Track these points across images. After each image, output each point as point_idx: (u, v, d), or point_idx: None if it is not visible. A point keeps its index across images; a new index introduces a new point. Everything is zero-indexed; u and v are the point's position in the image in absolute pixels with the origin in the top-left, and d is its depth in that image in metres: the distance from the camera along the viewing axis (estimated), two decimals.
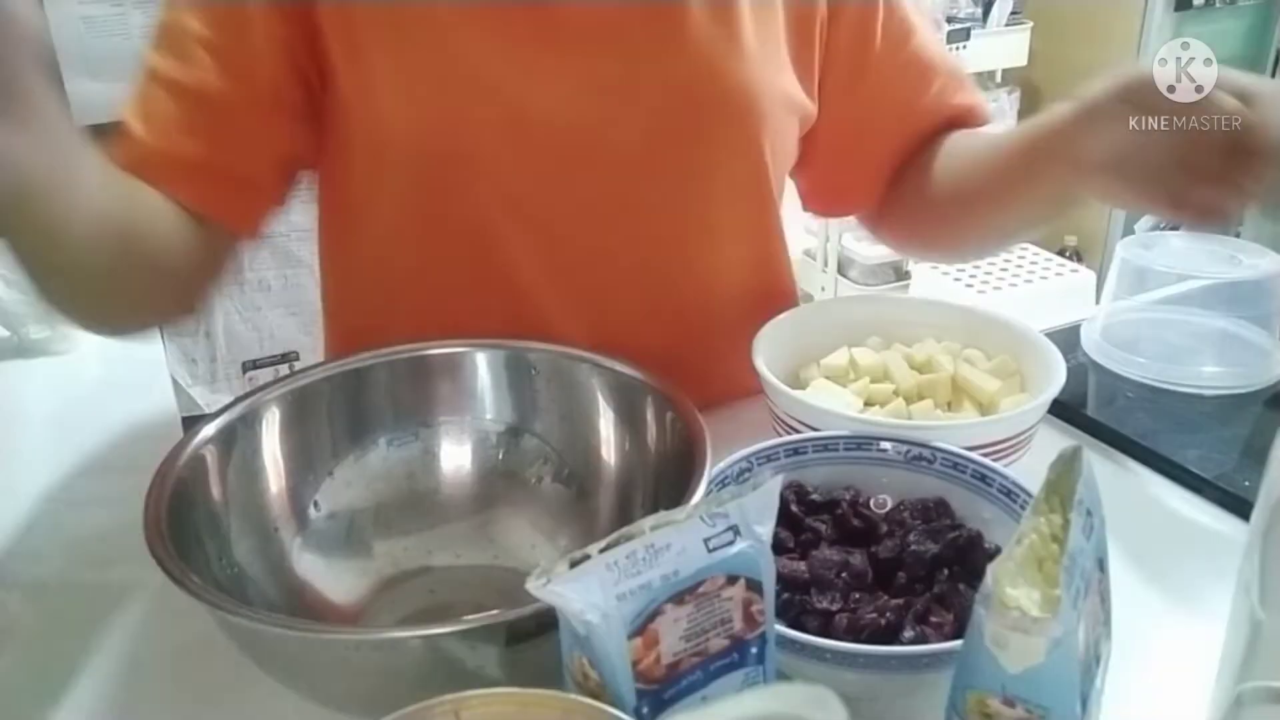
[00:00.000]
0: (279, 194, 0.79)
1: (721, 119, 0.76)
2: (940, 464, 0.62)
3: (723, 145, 0.77)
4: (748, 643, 0.45)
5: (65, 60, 1.79)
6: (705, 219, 0.80)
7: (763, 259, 0.86)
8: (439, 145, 0.74)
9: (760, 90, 0.76)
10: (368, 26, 0.73)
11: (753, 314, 0.83)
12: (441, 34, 0.73)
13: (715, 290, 0.84)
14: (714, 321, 0.83)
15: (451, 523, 0.68)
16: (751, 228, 0.84)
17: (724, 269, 0.83)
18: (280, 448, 0.65)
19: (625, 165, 0.76)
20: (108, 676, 0.61)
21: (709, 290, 0.83)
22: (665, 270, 0.81)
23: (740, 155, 0.78)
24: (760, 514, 0.44)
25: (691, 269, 0.82)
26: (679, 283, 0.82)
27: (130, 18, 1.81)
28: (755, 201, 0.82)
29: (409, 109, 0.73)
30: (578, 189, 0.76)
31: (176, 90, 0.72)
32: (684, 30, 0.74)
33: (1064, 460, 0.44)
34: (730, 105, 0.76)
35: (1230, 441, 0.80)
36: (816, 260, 2.72)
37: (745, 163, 0.79)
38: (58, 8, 1.76)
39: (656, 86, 0.75)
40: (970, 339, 0.78)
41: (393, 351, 0.70)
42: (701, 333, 0.83)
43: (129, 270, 0.66)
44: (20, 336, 1.04)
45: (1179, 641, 0.60)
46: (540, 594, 0.41)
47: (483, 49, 0.73)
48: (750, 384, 0.81)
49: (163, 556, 0.51)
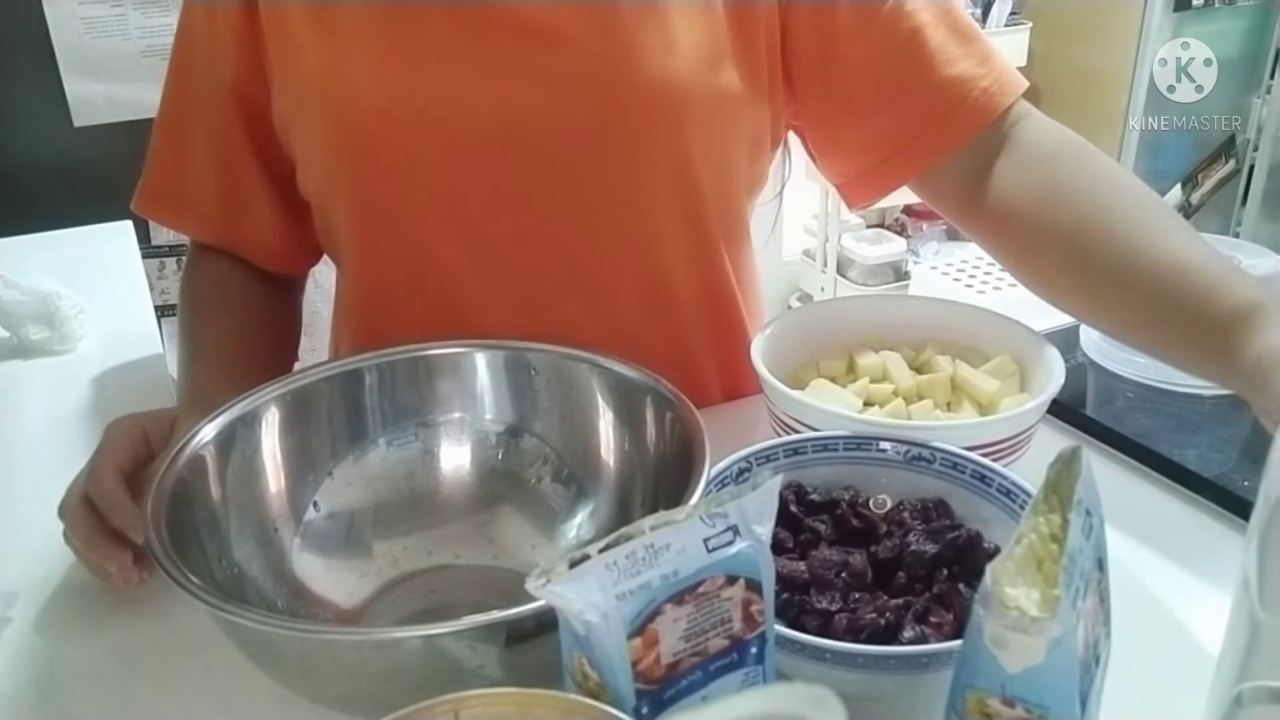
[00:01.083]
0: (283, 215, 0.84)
1: (641, 112, 0.75)
2: (940, 464, 0.62)
3: (645, 140, 0.76)
4: (747, 643, 0.45)
5: (65, 60, 1.79)
6: (633, 215, 0.79)
7: (701, 258, 0.83)
8: (360, 140, 0.75)
9: (684, 86, 0.75)
10: (297, 23, 0.76)
11: (696, 315, 0.83)
12: (360, 29, 0.75)
13: (652, 290, 0.82)
14: (653, 322, 0.82)
15: (451, 523, 0.68)
16: (684, 225, 0.81)
17: (659, 267, 0.82)
18: (280, 448, 0.65)
19: (547, 159, 0.76)
20: (107, 676, 0.61)
21: (644, 289, 0.82)
22: (597, 267, 0.80)
23: (664, 151, 0.77)
24: (760, 514, 0.44)
25: (621, 266, 0.81)
26: (611, 280, 0.81)
27: (130, 18, 1.82)
28: (685, 198, 0.79)
29: (332, 104, 0.75)
30: (503, 184, 0.76)
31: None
32: (607, 23, 0.74)
33: (1063, 460, 0.44)
34: (650, 99, 0.75)
35: (1229, 441, 0.80)
36: (816, 260, 2.73)
37: (670, 160, 0.77)
38: (58, 8, 1.76)
39: (576, 79, 0.74)
40: (970, 339, 0.78)
41: (392, 351, 0.70)
42: (640, 332, 0.81)
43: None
44: (20, 336, 1.04)
45: (1179, 641, 0.60)
46: (540, 594, 0.41)
47: (407, 38, 0.74)
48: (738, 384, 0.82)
49: (162, 556, 0.51)
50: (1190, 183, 2.54)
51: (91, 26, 1.80)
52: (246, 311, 0.86)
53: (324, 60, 0.75)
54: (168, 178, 0.86)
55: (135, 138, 2.03)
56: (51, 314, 1.04)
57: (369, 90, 0.75)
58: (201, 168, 0.83)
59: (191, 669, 0.60)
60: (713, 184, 0.80)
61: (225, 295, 0.86)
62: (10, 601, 0.65)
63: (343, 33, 0.75)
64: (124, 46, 1.82)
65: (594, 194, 0.78)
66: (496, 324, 0.77)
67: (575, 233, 0.79)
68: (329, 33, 0.75)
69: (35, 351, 1.04)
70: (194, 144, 0.83)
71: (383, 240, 0.80)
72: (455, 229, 0.78)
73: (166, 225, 0.93)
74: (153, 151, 0.86)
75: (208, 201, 0.84)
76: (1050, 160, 0.76)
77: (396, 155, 0.76)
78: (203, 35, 0.80)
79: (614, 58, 0.74)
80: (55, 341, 1.04)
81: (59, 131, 1.83)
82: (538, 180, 0.76)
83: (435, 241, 0.78)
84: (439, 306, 0.79)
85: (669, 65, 0.75)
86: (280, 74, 0.78)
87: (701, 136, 0.77)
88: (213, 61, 0.80)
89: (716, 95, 0.77)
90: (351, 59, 0.75)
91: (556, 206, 0.77)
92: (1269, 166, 2.53)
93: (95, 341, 1.07)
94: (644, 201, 0.79)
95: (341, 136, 0.76)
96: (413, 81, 0.74)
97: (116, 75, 1.82)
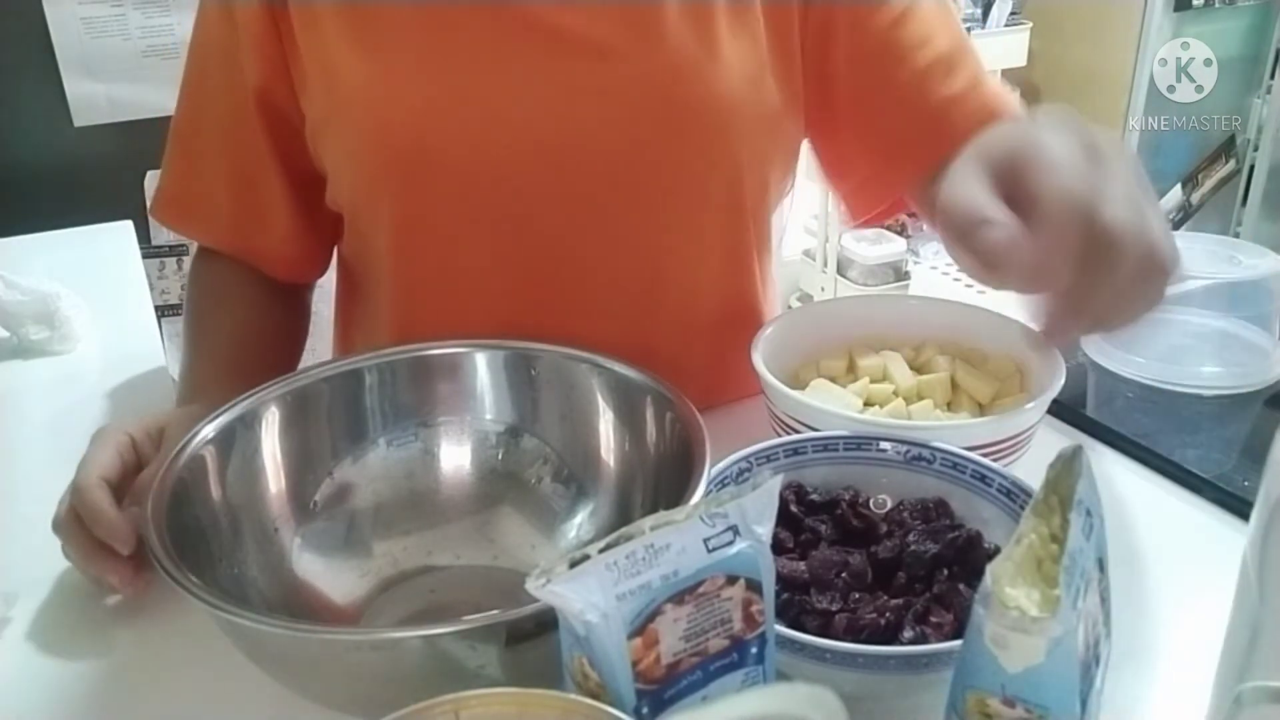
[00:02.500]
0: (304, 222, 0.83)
1: (694, 126, 0.75)
2: (940, 464, 0.62)
3: (694, 152, 0.76)
4: (747, 643, 0.45)
5: (65, 60, 1.80)
6: (679, 229, 0.79)
7: (734, 270, 0.84)
8: (404, 156, 0.74)
9: (734, 99, 0.75)
10: (333, 31, 0.74)
11: (720, 327, 0.83)
12: (402, 41, 0.73)
13: (686, 298, 0.82)
14: (684, 330, 0.82)
15: (451, 523, 0.68)
16: (724, 238, 0.81)
17: (695, 277, 0.82)
18: (280, 448, 0.65)
19: (596, 175, 0.75)
20: (107, 676, 0.61)
21: (679, 298, 0.82)
22: (634, 275, 0.80)
23: (712, 163, 0.77)
24: (760, 514, 0.44)
25: (661, 276, 0.80)
26: (649, 288, 0.80)
27: (130, 18, 1.82)
28: (730, 213, 0.80)
29: (374, 119, 0.74)
30: (548, 199, 0.76)
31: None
32: (654, 35, 0.73)
33: (1063, 460, 0.44)
34: (703, 112, 0.75)
35: (1229, 441, 0.80)
36: (816, 260, 2.73)
37: (720, 175, 0.77)
38: (58, 8, 1.76)
39: (627, 91, 0.74)
40: (970, 339, 0.78)
41: (392, 351, 0.70)
42: (670, 340, 0.81)
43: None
44: (20, 336, 1.04)
45: (1179, 641, 0.60)
46: (540, 594, 0.41)
47: (450, 49, 0.73)
48: (742, 388, 0.81)
49: (163, 556, 0.51)
50: (1190, 183, 2.54)
51: (91, 26, 1.81)
52: (252, 308, 0.85)
53: (365, 73, 0.74)
54: (182, 189, 0.85)
55: (135, 138, 2.04)
56: (51, 314, 1.04)
57: (413, 105, 0.73)
58: (216, 182, 0.82)
59: (192, 669, 0.60)
60: (754, 198, 0.81)
61: (231, 291, 0.85)
62: (10, 601, 0.65)
63: (384, 44, 0.74)
64: (124, 46, 1.82)
65: (643, 208, 0.77)
66: (530, 324, 0.75)
67: (621, 244, 0.78)
68: (369, 44, 0.74)
69: (35, 351, 1.04)
70: (209, 158, 0.82)
71: (423, 253, 0.79)
72: (499, 243, 0.77)
73: (181, 234, 0.93)
74: (167, 159, 0.85)
75: (221, 216, 0.84)
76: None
77: (441, 170, 0.74)
78: (219, 44, 0.78)
79: (663, 71, 0.74)
80: (55, 341, 1.04)
81: (59, 131, 1.83)
82: (585, 195, 0.76)
83: (477, 255, 0.77)
84: (478, 318, 0.77)
85: (718, 80, 0.74)
86: (314, 82, 0.76)
87: (749, 151, 0.77)
88: (231, 70, 0.78)
89: (762, 109, 0.77)
90: (394, 72, 0.74)
91: (604, 220, 0.77)
92: (1269, 166, 2.53)
93: (95, 341, 1.07)
94: (691, 216, 0.79)
95: (384, 152, 0.75)
96: (458, 96, 0.73)
97: (116, 75, 1.82)
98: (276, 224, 0.83)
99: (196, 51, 0.82)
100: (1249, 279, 0.89)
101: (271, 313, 0.87)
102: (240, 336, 0.83)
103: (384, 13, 0.73)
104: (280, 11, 0.75)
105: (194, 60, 0.82)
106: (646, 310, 0.81)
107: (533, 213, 0.76)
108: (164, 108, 0.85)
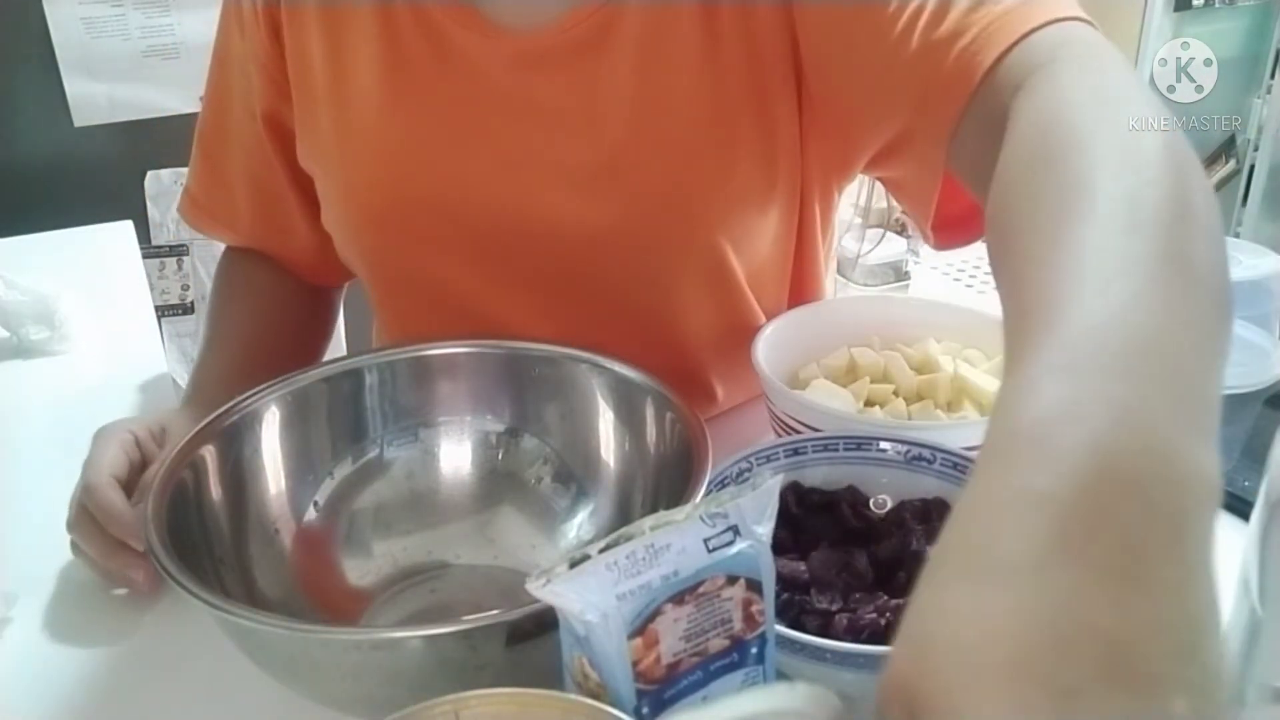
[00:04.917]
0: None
1: (661, 210, 0.71)
2: (940, 464, 0.62)
3: (667, 232, 0.73)
4: (748, 643, 0.45)
5: (65, 60, 1.80)
6: (657, 295, 0.76)
7: (728, 309, 0.79)
8: (370, 217, 0.75)
9: (704, 182, 0.71)
10: (318, 70, 0.74)
11: (714, 354, 0.80)
12: (367, 103, 0.73)
13: (676, 348, 0.79)
14: (670, 366, 0.73)
15: (451, 523, 0.68)
16: (712, 293, 0.77)
17: (683, 331, 0.78)
18: (280, 448, 0.65)
19: (565, 248, 0.73)
20: (108, 676, 0.61)
21: (669, 356, 0.75)
22: (616, 339, 0.70)
23: (688, 242, 0.73)
24: (760, 514, 0.44)
25: (645, 337, 0.75)
26: (640, 353, 0.69)
27: (130, 18, 1.82)
28: (713, 274, 0.75)
29: (343, 177, 0.75)
30: (516, 268, 0.74)
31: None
32: (620, 108, 0.69)
33: None
34: (670, 197, 0.71)
35: (1230, 441, 0.80)
36: None
37: (694, 247, 0.73)
38: (58, 8, 1.76)
39: (592, 169, 0.70)
40: (970, 339, 0.78)
41: (392, 352, 0.70)
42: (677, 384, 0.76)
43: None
44: (20, 336, 1.04)
45: None
46: (540, 594, 0.41)
47: (409, 122, 0.72)
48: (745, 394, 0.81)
49: (163, 557, 0.51)
50: None
51: (91, 26, 1.81)
52: (273, 302, 0.85)
53: (336, 129, 0.74)
54: (206, 193, 0.86)
55: (135, 138, 2.04)
56: (51, 314, 1.04)
57: (376, 171, 0.73)
58: (237, 189, 0.83)
59: (192, 669, 0.60)
60: (745, 256, 0.76)
61: (252, 286, 0.86)
62: (10, 601, 0.65)
63: (352, 102, 0.73)
64: (124, 46, 1.82)
65: (615, 280, 0.75)
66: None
67: (594, 309, 0.75)
68: (340, 98, 0.73)
69: (35, 351, 1.04)
70: (231, 165, 0.83)
71: (403, 290, 0.80)
72: (471, 301, 0.76)
73: (207, 236, 0.93)
74: (193, 161, 0.86)
75: (244, 221, 0.85)
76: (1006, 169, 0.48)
77: (407, 235, 0.75)
78: (237, 61, 0.79)
79: (630, 148, 0.70)
80: (55, 341, 1.04)
81: (59, 131, 1.83)
82: (553, 267, 0.74)
83: (455, 300, 0.77)
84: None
85: (688, 159, 0.70)
86: (299, 117, 0.76)
87: (726, 222, 0.73)
88: (247, 90, 0.79)
89: (738, 180, 0.71)
90: (359, 134, 0.73)
91: (574, 289, 0.75)
92: (1269, 166, 2.53)
93: (95, 341, 1.07)
94: (668, 283, 0.75)
95: (351, 212, 0.75)
96: (422, 165, 0.72)
97: (116, 75, 1.82)
98: (296, 233, 0.84)
99: (218, 58, 0.82)
100: (1249, 279, 0.89)
101: (293, 308, 0.87)
102: (254, 333, 0.83)
103: (359, 74, 0.73)
104: (283, 43, 0.75)
105: (216, 65, 0.82)
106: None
107: (501, 280, 0.75)
108: (164, 108, 0.86)
